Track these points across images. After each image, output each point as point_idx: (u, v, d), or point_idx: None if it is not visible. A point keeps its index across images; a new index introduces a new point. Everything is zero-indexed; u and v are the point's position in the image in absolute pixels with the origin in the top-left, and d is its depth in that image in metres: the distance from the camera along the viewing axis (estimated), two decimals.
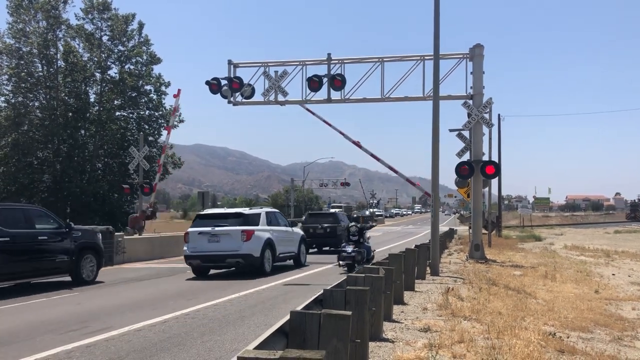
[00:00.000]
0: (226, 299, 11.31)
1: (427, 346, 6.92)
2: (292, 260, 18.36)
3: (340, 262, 15.26)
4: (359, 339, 5.41)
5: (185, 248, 15.92)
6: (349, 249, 15.28)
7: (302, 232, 19.69)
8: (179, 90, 30.13)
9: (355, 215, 20.21)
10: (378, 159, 21.39)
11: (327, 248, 25.00)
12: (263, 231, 16.22)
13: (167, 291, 12.96)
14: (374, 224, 23.67)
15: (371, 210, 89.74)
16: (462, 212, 44.23)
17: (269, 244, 16.15)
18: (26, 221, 13.55)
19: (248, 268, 15.70)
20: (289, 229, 18.32)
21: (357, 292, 5.75)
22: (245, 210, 17.01)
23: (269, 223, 17.02)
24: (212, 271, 16.77)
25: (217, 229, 15.65)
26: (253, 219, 16.35)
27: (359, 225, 16.05)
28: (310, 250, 23.07)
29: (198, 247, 15.59)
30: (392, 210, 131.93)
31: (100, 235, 16.39)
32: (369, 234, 17.35)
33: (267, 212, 17.45)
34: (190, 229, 16.11)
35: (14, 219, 13.14)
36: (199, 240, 15.63)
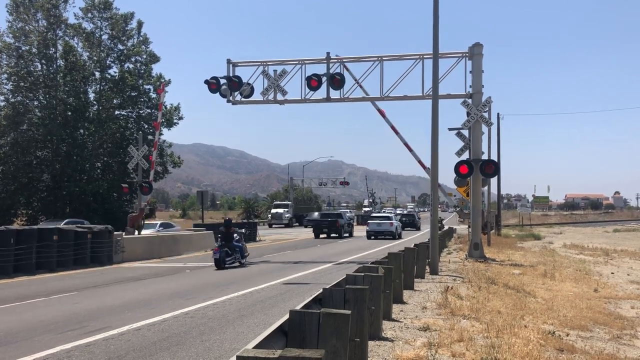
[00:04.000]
0: (225, 298, 11.31)
1: (427, 345, 6.93)
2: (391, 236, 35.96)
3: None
4: (359, 338, 5.41)
5: (367, 228, 36.67)
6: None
7: (400, 223, 40.81)
8: (162, 85, 31.33)
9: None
10: (397, 132, 22.92)
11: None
12: (395, 222, 37.33)
13: (166, 290, 12.95)
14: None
15: (368, 209, 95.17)
16: (464, 210, 44.70)
17: (397, 226, 37.27)
18: (338, 215, 40.65)
19: (392, 237, 35.04)
20: (397, 221, 39.52)
21: (357, 291, 5.74)
22: (389, 214, 42.56)
23: (394, 219, 38.44)
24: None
25: (380, 221, 36.73)
26: (392, 217, 38.26)
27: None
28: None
29: (373, 228, 36.11)
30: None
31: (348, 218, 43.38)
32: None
33: (394, 215, 42.28)
34: (370, 221, 37.29)
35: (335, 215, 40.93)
36: (373, 225, 36.31)
